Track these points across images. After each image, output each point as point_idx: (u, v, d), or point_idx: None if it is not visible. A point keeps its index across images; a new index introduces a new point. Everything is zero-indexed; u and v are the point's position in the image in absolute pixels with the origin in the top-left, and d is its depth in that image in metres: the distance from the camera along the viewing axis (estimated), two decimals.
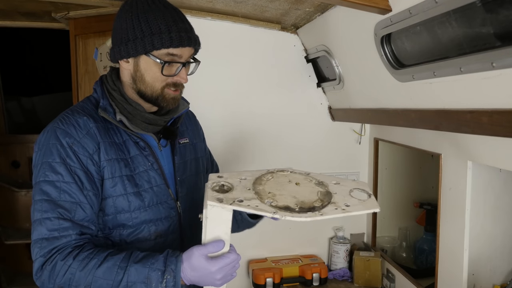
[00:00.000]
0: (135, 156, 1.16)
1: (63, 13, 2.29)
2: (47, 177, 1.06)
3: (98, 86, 1.21)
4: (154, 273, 1.00)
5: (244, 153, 2.09)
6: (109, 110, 1.15)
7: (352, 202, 1.00)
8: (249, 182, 1.05)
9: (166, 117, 1.21)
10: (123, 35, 1.12)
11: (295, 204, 0.97)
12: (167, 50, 1.09)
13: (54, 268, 1.01)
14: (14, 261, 3.46)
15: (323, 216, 0.94)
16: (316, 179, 1.11)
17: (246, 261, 2.13)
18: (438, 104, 1.23)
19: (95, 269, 1.00)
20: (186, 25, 1.13)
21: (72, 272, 1.00)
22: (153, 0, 1.12)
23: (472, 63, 0.98)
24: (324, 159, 2.20)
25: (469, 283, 1.45)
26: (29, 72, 4.53)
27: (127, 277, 1.00)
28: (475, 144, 1.36)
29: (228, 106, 2.05)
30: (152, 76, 1.13)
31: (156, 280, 1.00)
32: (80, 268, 1.00)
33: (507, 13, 0.84)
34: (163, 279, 1.00)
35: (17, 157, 3.75)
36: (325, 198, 1.01)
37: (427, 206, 2.04)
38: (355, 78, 1.73)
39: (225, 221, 0.99)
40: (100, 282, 1.00)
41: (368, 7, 1.17)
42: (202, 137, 1.46)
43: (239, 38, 2.03)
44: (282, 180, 1.08)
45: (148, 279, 1.00)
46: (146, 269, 1.01)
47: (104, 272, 1.00)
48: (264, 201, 0.97)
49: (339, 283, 2.07)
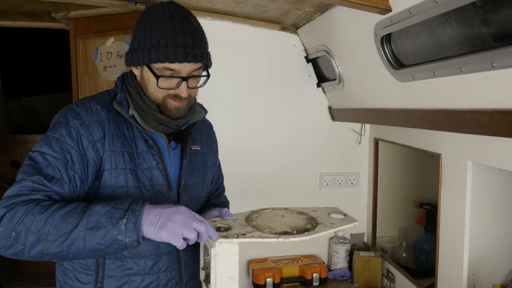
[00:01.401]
0: (142, 152, 1.18)
1: (63, 13, 2.29)
2: (41, 148, 1.08)
3: (119, 81, 1.24)
4: (116, 211, 0.98)
5: (244, 153, 2.09)
6: (123, 105, 1.18)
7: (334, 221, 1.17)
8: (241, 220, 1.16)
9: (179, 121, 1.22)
10: (134, 43, 1.16)
11: (291, 229, 1.10)
12: (163, 65, 1.11)
13: (14, 214, 0.97)
14: (14, 261, 3.43)
15: (318, 233, 1.08)
16: (296, 210, 1.26)
17: (246, 261, 2.13)
18: (438, 104, 1.23)
19: (55, 212, 0.97)
20: (187, 39, 1.10)
21: (32, 215, 0.96)
22: (164, 9, 1.13)
23: (472, 63, 0.98)
24: (324, 159, 2.20)
25: (469, 283, 1.45)
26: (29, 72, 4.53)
27: (88, 216, 0.97)
28: (475, 144, 1.36)
29: (228, 106, 2.05)
30: (152, 87, 1.15)
31: (117, 217, 0.97)
32: (40, 212, 0.97)
33: (507, 13, 0.84)
34: (124, 215, 0.97)
35: (17, 157, 3.75)
36: (312, 221, 1.16)
37: (427, 206, 2.04)
38: (355, 78, 1.73)
39: (233, 255, 1.05)
40: (59, 225, 0.96)
41: (368, 7, 1.17)
42: (215, 150, 1.47)
43: (239, 38, 2.03)
44: (269, 216, 1.22)
45: (109, 217, 0.97)
46: (108, 208, 0.98)
47: (64, 214, 0.97)
48: (263, 231, 1.08)
49: (339, 283, 2.07)
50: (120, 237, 0.96)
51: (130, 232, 0.96)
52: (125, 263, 1.17)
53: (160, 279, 1.21)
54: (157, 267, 1.20)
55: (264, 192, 2.11)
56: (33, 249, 0.96)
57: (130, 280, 1.18)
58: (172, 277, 1.24)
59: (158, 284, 1.21)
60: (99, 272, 1.16)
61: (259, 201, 2.11)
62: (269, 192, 2.12)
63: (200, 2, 1.77)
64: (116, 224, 0.96)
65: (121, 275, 1.17)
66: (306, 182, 2.19)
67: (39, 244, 0.96)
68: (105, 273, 1.16)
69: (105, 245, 0.97)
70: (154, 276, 1.20)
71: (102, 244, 0.96)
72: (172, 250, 1.23)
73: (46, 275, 3.21)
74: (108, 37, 2.23)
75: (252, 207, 1.29)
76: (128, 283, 1.18)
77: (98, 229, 0.96)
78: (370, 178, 2.22)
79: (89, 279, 1.17)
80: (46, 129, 1.13)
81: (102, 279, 1.16)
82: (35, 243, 0.96)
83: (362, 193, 2.27)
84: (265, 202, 2.12)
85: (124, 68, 2.27)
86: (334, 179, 2.22)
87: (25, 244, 0.96)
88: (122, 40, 2.19)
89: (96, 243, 0.96)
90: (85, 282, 1.17)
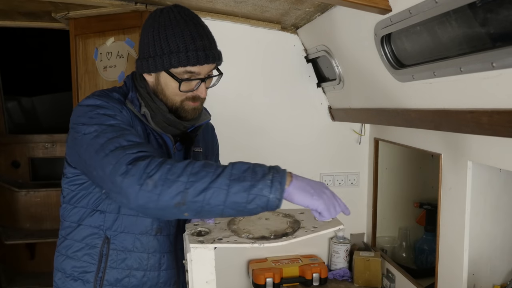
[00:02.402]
0: (156, 149, 1.19)
1: (63, 13, 2.28)
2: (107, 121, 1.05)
3: (129, 80, 1.25)
4: (259, 168, 0.94)
5: (244, 153, 2.08)
6: (135, 103, 1.18)
7: (318, 224, 1.11)
8: (223, 224, 1.14)
9: (187, 123, 1.24)
10: (145, 50, 1.16)
11: (269, 233, 1.07)
12: (184, 68, 1.12)
13: (148, 164, 0.91)
14: (14, 261, 3.47)
15: (296, 238, 1.04)
16: (282, 213, 1.22)
17: (246, 261, 2.13)
18: (438, 104, 1.23)
19: (191, 163, 0.93)
20: (204, 41, 1.14)
21: (167, 163, 0.91)
22: (174, 14, 1.14)
23: (472, 63, 0.98)
24: (324, 159, 2.20)
25: (469, 283, 1.45)
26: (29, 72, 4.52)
27: (230, 169, 0.93)
28: (475, 144, 1.36)
29: (227, 106, 2.05)
30: (171, 91, 1.17)
31: (261, 173, 0.93)
32: (173, 162, 0.92)
33: (507, 13, 0.84)
34: (269, 171, 0.94)
35: (17, 157, 3.75)
36: (294, 225, 1.13)
37: (427, 206, 2.04)
38: (355, 78, 1.73)
39: (209, 260, 1.03)
40: (200, 173, 0.92)
41: (368, 7, 1.17)
42: (216, 152, 1.49)
43: (239, 38, 2.03)
44: (253, 218, 1.19)
45: (252, 171, 0.93)
46: (249, 164, 0.95)
47: (203, 165, 0.94)
48: (241, 236, 1.06)
49: (339, 283, 2.07)
50: (265, 192, 0.91)
51: (275, 189, 0.92)
52: (128, 257, 1.19)
53: (160, 276, 1.23)
54: (159, 264, 1.22)
55: None
56: (170, 198, 0.91)
57: (131, 274, 1.20)
58: (171, 276, 1.26)
59: (158, 281, 1.23)
60: (101, 262, 1.18)
61: None
62: None
63: (200, 2, 1.77)
64: (262, 179, 0.92)
65: (124, 268, 1.19)
66: None
67: (177, 192, 0.90)
68: (107, 264, 1.18)
69: (247, 199, 0.91)
70: (155, 273, 1.22)
71: (245, 197, 0.91)
72: (172, 249, 1.24)
73: (46, 275, 3.20)
74: (108, 37, 2.23)
75: None
76: (129, 276, 1.19)
77: (243, 181, 0.91)
78: (370, 178, 2.22)
79: (92, 267, 1.18)
80: (46, 129, 1.14)
81: (104, 269, 1.18)
82: (173, 190, 0.90)
83: (362, 193, 2.27)
84: None
85: (124, 69, 2.27)
86: (334, 179, 2.22)
87: (162, 188, 0.90)
88: (122, 40, 2.19)
89: (240, 196, 0.91)
90: (88, 271, 1.18)
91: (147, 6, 1.99)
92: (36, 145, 3.74)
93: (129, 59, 2.17)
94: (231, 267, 2.10)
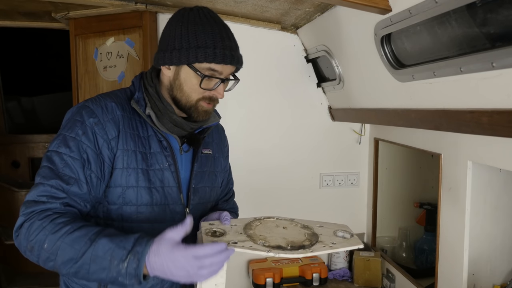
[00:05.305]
0: (155, 152, 1.18)
1: (63, 13, 2.28)
2: (58, 148, 1.09)
3: (136, 80, 1.24)
4: (119, 251, 0.95)
5: (244, 153, 2.09)
6: (141, 103, 1.18)
7: (337, 240, 1.09)
8: (239, 227, 1.12)
9: (194, 125, 1.23)
10: (169, 43, 1.15)
11: (286, 243, 1.04)
12: (209, 65, 1.12)
13: (31, 226, 1.01)
14: (14, 261, 3.46)
15: (313, 252, 1.02)
16: (301, 223, 1.19)
17: (246, 261, 2.13)
18: (438, 104, 1.23)
19: (66, 235, 0.97)
20: (232, 43, 1.16)
21: (45, 233, 0.99)
22: (204, 13, 1.15)
23: (472, 63, 0.98)
24: (324, 159, 2.20)
25: (469, 283, 1.45)
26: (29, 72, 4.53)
27: (93, 249, 0.96)
28: (475, 144, 1.36)
29: (227, 106, 2.05)
30: (190, 87, 1.15)
31: (119, 259, 0.94)
32: (53, 231, 0.98)
33: (507, 13, 0.84)
34: (126, 258, 0.94)
35: (17, 157, 3.75)
36: (312, 238, 1.09)
37: (427, 206, 2.04)
38: (355, 78, 1.73)
39: None
40: (67, 250, 0.97)
41: (368, 7, 1.17)
42: (226, 154, 1.47)
43: (239, 38, 1.99)
44: (270, 225, 1.17)
45: (111, 256, 0.94)
46: (113, 245, 0.95)
47: (73, 240, 0.97)
48: (257, 242, 1.04)
49: (339, 283, 2.07)
50: (120, 279, 0.95)
51: (130, 276, 0.94)
52: None
53: (164, 281, 1.21)
54: None
55: (263, 192, 2.11)
56: (45, 264, 1.00)
57: None
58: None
59: (162, 286, 1.21)
60: None
61: (258, 201, 2.12)
62: (269, 192, 2.12)
63: (200, 2, 1.77)
64: (117, 266, 0.94)
65: None
66: (306, 182, 2.18)
67: (50, 262, 0.99)
68: None
69: (107, 280, 0.97)
70: (159, 278, 1.21)
71: (104, 279, 0.97)
72: None
73: (46, 275, 3.21)
74: (108, 37, 2.23)
75: (250, 206, 1.29)
76: None
77: (101, 265, 0.95)
78: (370, 178, 2.22)
79: None
80: (46, 129, 1.14)
81: None
82: (46, 260, 0.99)
83: (362, 193, 2.27)
84: (264, 202, 2.13)
85: (124, 69, 2.27)
86: (334, 179, 2.22)
87: (39, 257, 1.00)
88: (122, 40, 2.19)
89: (99, 277, 0.97)
90: None
91: (147, 6, 1.99)
92: (36, 145, 3.74)
93: (129, 59, 2.17)
94: (231, 267, 2.10)
